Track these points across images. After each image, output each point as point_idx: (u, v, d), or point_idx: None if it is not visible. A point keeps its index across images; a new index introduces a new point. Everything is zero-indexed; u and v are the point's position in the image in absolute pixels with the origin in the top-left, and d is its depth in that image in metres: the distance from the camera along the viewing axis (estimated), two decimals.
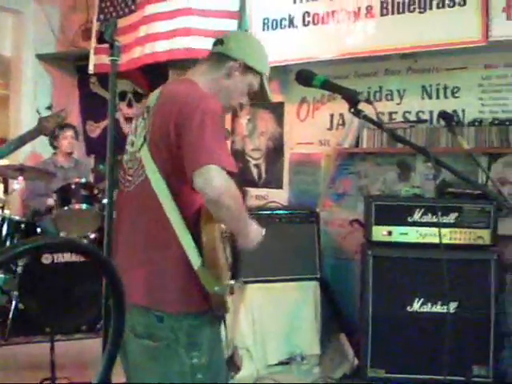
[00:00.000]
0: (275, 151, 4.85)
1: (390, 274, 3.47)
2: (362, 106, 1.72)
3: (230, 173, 1.72)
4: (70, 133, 5.14)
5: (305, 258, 3.98)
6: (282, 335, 3.86)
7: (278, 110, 4.81)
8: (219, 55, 1.99)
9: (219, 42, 2.02)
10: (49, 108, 2.32)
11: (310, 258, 4.00)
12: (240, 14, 4.35)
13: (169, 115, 1.80)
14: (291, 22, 4.20)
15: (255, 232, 1.93)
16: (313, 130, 4.63)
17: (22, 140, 2.18)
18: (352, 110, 1.72)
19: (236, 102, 2.02)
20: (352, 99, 1.73)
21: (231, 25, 4.33)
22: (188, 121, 1.75)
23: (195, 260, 1.75)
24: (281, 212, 4.09)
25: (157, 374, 1.82)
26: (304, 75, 1.92)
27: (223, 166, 1.70)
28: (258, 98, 2.09)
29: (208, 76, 1.97)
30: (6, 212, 4.61)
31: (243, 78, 1.99)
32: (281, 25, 4.25)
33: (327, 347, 3.98)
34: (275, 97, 4.78)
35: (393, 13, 3.82)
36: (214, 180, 1.68)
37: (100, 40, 1.81)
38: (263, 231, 1.98)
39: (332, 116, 4.55)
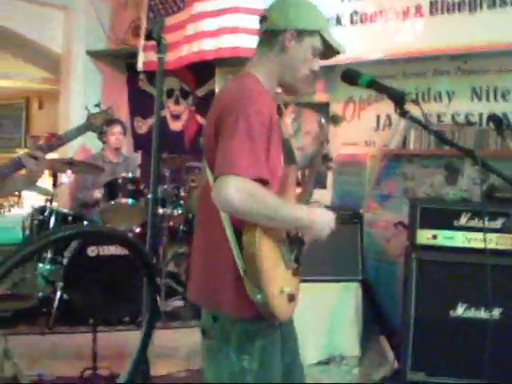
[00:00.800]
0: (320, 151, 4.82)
1: (433, 278, 3.41)
2: (408, 106, 1.70)
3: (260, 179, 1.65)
4: (117, 129, 5.22)
5: (347, 259, 3.96)
6: (322, 335, 3.85)
7: (323, 110, 4.78)
8: (266, 33, 1.86)
9: (263, 19, 1.89)
10: (97, 106, 2.36)
11: (352, 259, 3.97)
12: None
13: (212, 118, 1.77)
14: (339, 21, 4.17)
15: (320, 219, 1.81)
16: (359, 130, 4.59)
17: (71, 135, 2.24)
18: (398, 110, 1.69)
19: (304, 73, 1.87)
20: (398, 99, 1.70)
21: None
22: (223, 125, 1.71)
23: (240, 266, 1.71)
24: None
25: (211, 373, 1.84)
26: (350, 74, 1.89)
27: (246, 174, 1.62)
28: (329, 56, 1.91)
29: (264, 60, 1.86)
30: (54, 204, 4.72)
31: (300, 45, 1.83)
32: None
33: (367, 349, 3.96)
34: (321, 96, 4.77)
35: (442, 12, 3.75)
36: (223, 192, 1.61)
37: (147, 37, 1.85)
38: (332, 214, 1.85)
39: (378, 116, 4.50)
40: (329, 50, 1.89)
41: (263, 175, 1.66)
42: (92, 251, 4.36)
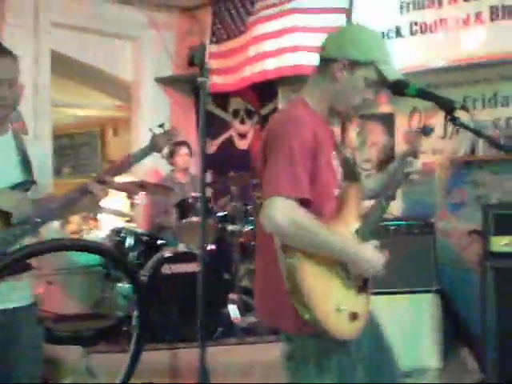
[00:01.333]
0: (387, 162, 4.81)
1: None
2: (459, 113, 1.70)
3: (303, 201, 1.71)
4: (184, 150, 5.40)
5: (421, 270, 3.90)
6: (400, 348, 3.79)
7: (388, 121, 4.78)
8: (321, 62, 1.89)
9: (321, 47, 1.92)
10: (161, 126, 2.45)
11: (426, 269, 3.92)
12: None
13: (261, 142, 1.87)
14: (398, 33, 4.18)
15: (366, 257, 1.80)
16: (425, 139, 4.53)
17: (137, 157, 2.33)
18: (448, 117, 1.70)
19: (357, 102, 1.88)
20: (448, 107, 1.70)
21: None
22: (267, 150, 1.81)
23: (287, 287, 1.74)
24: (395, 223, 4.05)
25: None
26: (398, 85, 1.89)
27: (289, 194, 1.69)
28: (382, 86, 1.91)
29: (316, 87, 1.89)
30: (132, 225, 4.92)
31: (351, 75, 1.84)
32: (388, 36, 4.24)
33: (448, 360, 3.87)
34: (385, 107, 4.77)
35: (503, 17, 3.70)
36: (271, 215, 1.69)
37: (190, 64, 1.93)
38: (381, 258, 1.84)
39: (446, 125, 4.44)
40: (386, 80, 1.88)
41: (304, 195, 1.72)
42: (165, 269, 4.49)
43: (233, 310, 4.50)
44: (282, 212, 1.68)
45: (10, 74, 2.09)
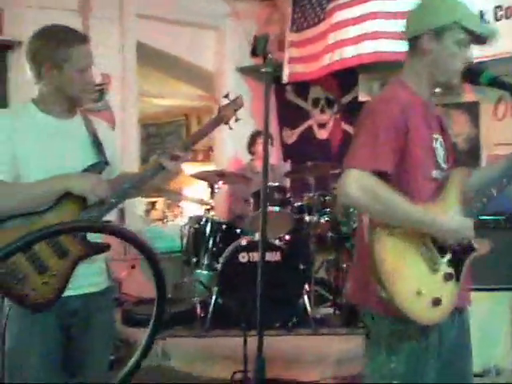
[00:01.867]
0: (471, 153, 4.62)
1: None
2: None
3: (381, 174, 1.74)
4: None
5: (502, 267, 3.74)
6: (475, 347, 3.67)
7: (473, 110, 4.59)
8: (409, 43, 1.92)
9: (405, 29, 1.95)
10: (226, 97, 2.45)
11: (507, 267, 3.75)
12: None
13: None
14: (482, 18, 3.99)
15: (449, 226, 1.80)
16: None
17: (205, 131, 2.33)
18: None
19: (458, 67, 1.87)
20: None
21: None
22: (356, 129, 1.88)
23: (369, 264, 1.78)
24: (482, 218, 3.89)
25: (368, 372, 1.91)
26: (471, 72, 1.83)
27: (364, 167, 1.73)
28: (483, 41, 1.89)
29: (412, 66, 1.92)
30: (211, 213, 5.02)
31: (441, 44, 1.85)
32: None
33: None
34: (469, 96, 4.57)
35: None
36: (344, 186, 1.74)
37: (253, 54, 1.91)
38: (469, 222, 1.84)
39: None
40: (479, 36, 1.87)
41: (381, 167, 1.75)
42: (243, 257, 4.54)
43: (307, 301, 4.49)
44: (355, 182, 1.73)
45: (92, 60, 2.10)
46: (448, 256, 1.84)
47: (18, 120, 2.02)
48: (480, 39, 1.89)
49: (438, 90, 1.99)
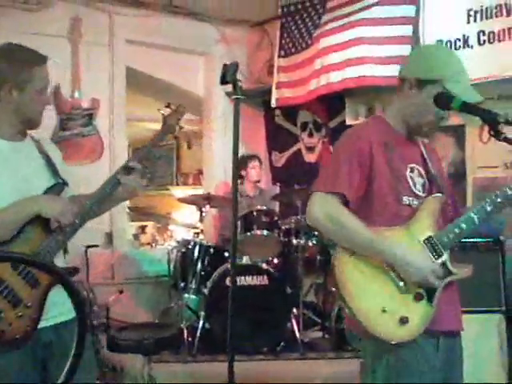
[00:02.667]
0: (457, 176, 4.65)
1: None
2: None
3: (343, 197, 1.85)
4: (256, 163, 5.47)
5: (488, 290, 3.73)
6: (465, 368, 3.66)
7: (458, 133, 4.62)
8: (399, 81, 2.02)
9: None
10: (167, 107, 2.43)
11: (493, 289, 3.75)
12: (412, 39, 4.30)
13: None
14: (466, 42, 4.05)
15: (413, 262, 1.84)
16: (497, 152, 4.36)
17: (155, 141, 2.31)
18: (492, 132, 1.66)
19: (429, 120, 1.96)
20: (491, 121, 1.66)
21: (404, 50, 4.28)
22: None
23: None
24: (463, 240, 3.89)
25: None
26: (442, 98, 1.87)
27: (327, 189, 1.85)
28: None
29: (394, 107, 2.04)
30: (200, 237, 5.01)
31: (420, 93, 1.93)
32: (455, 45, 4.12)
33: None
34: (455, 119, 4.60)
35: None
36: (310, 207, 1.86)
37: (222, 81, 1.94)
38: (433, 267, 1.87)
39: None
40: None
41: (340, 189, 1.85)
42: (229, 281, 4.52)
43: (295, 325, 4.47)
44: (318, 206, 1.84)
45: (49, 81, 2.09)
46: None
47: None
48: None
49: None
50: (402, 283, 1.84)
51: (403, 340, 1.82)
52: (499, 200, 2.05)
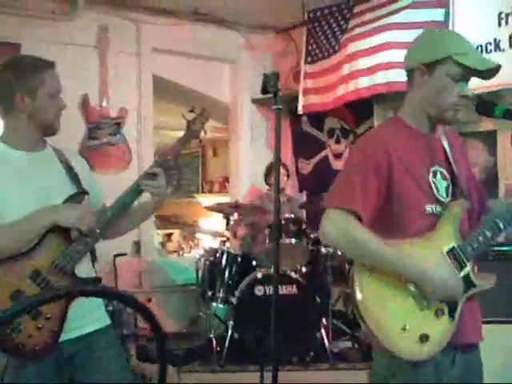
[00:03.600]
0: (488, 182, 4.55)
1: None
2: None
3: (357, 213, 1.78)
4: (282, 171, 5.40)
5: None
6: (500, 380, 3.57)
7: (490, 139, 4.54)
8: (407, 75, 1.95)
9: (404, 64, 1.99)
10: (192, 111, 2.40)
11: None
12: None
13: None
14: (497, 46, 3.97)
15: (434, 277, 1.76)
16: None
17: (180, 145, 2.28)
18: None
19: (451, 101, 1.85)
20: None
21: None
22: None
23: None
24: (497, 248, 3.80)
25: None
26: (484, 105, 1.82)
27: (341, 206, 1.78)
28: (484, 75, 1.86)
29: (409, 101, 1.94)
30: (226, 245, 4.99)
31: (432, 77, 1.85)
32: (486, 49, 4.04)
33: None
34: (486, 125, 4.52)
35: None
36: (323, 224, 1.79)
37: (263, 91, 1.93)
38: (459, 283, 1.80)
39: None
40: (478, 71, 1.85)
41: (353, 207, 1.77)
42: (259, 290, 4.48)
43: (325, 335, 4.41)
44: (331, 223, 1.77)
45: (61, 86, 2.08)
46: None
47: None
48: (483, 73, 1.86)
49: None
50: (423, 300, 1.77)
51: (423, 358, 1.76)
52: None
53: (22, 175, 1.99)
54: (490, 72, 1.86)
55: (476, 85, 1.98)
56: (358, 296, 1.74)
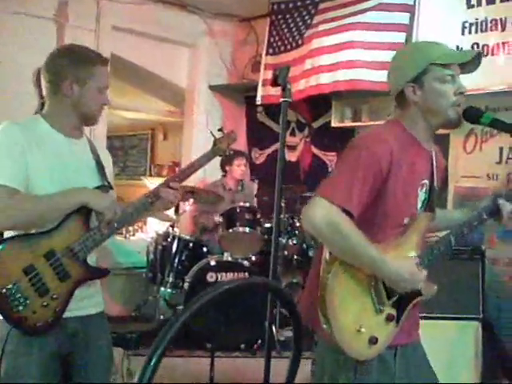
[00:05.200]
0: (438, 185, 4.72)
1: None
2: None
3: (349, 212, 1.74)
4: (243, 161, 5.41)
5: (467, 297, 3.80)
6: (440, 374, 3.72)
7: (443, 142, 4.68)
8: (395, 97, 1.94)
9: (388, 88, 1.98)
10: (220, 130, 2.48)
11: (472, 297, 3.82)
12: (404, 46, 4.34)
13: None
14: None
15: (402, 272, 1.80)
16: (480, 163, 4.46)
17: (201, 162, 2.36)
18: None
19: (451, 101, 1.86)
20: None
21: None
22: (341, 155, 1.90)
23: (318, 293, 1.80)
24: (455, 248, 3.96)
25: None
26: (472, 113, 1.88)
27: (335, 201, 1.72)
28: (468, 66, 1.88)
29: (407, 114, 1.91)
30: (176, 230, 4.97)
31: (425, 88, 1.86)
32: None
33: None
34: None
35: None
36: (311, 210, 1.74)
37: (273, 83, 1.96)
38: (420, 275, 1.85)
39: (501, 149, 4.36)
40: (463, 65, 1.87)
41: (350, 208, 1.74)
42: (211, 277, 4.51)
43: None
44: (321, 212, 1.72)
45: (109, 83, 2.17)
46: (394, 298, 1.86)
47: (28, 133, 2.01)
48: (468, 66, 1.90)
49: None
50: (379, 305, 1.84)
51: (368, 358, 1.83)
52: (475, 223, 2.03)
53: (57, 157, 2.03)
54: (475, 63, 1.90)
55: None
56: (328, 291, 1.75)
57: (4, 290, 1.88)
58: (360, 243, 1.74)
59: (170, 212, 5.54)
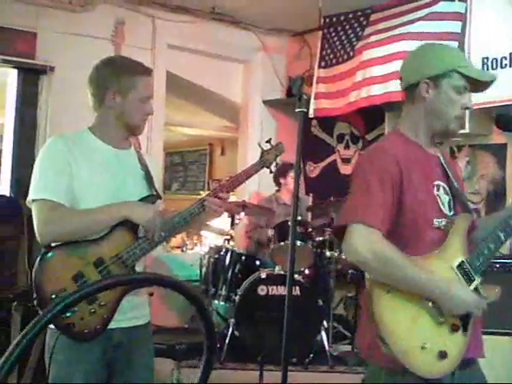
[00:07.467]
0: (496, 195, 4.58)
1: None
2: None
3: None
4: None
5: None
6: None
7: (500, 152, 4.55)
8: (406, 91, 1.93)
9: (400, 79, 1.98)
10: (268, 142, 2.49)
11: None
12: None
13: None
14: None
15: (456, 295, 1.75)
16: None
17: (246, 174, 2.35)
18: None
19: (456, 114, 1.87)
20: None
21: None
22: (351, 182, 1.88)
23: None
24: (502, 261, 3.82)
25: None
26: (504, 120, 1.84)
27: (366, 222, 1.71)
28: (482, 87, 1.90)
29: (409, 115, 1.92)
30: (231, 244, 5.02)
31: (438, 91, 1.85)
32: (501, 64, 4.06)
33: None
34: (497, 138, 4.54)
35: None
36: (353, 244, 1.71)
37: (288, 94, 1.98)
38: (477, 299, 1.79)
39: None
40: (477, 82, 1.87)
41: (374, 222, 1.73)
42: (262, 290, 4.51)
43: (325, 338, 4.44)
44: (363, 241, 1.70)
45: (153, 92, 2.19)
46: None
47: (75, 146, 2.06)
48: (478, 86, 1.89)
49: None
50: (439, 316, 1.76)
51: (443, 374, 1.74)
52: None
53: (104, 168, 2.08)
54: (489, 84, 1.90)
55: (488, 98, 2.00)
56: (377, 316, 1.71)
57: (53, 296, 1.92)
58: (412, 271, 1.72)
59: (226, 225, 5.62)
